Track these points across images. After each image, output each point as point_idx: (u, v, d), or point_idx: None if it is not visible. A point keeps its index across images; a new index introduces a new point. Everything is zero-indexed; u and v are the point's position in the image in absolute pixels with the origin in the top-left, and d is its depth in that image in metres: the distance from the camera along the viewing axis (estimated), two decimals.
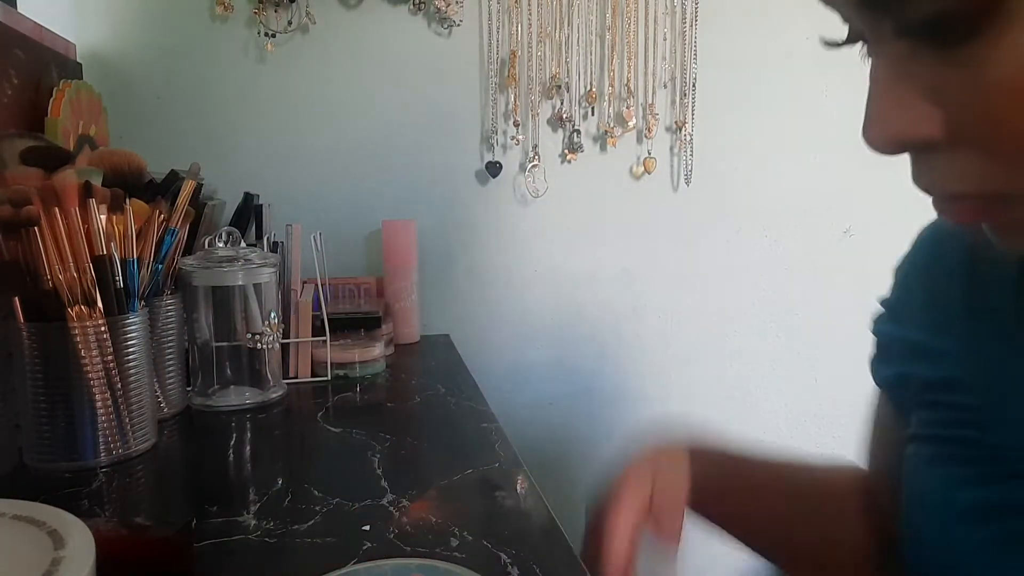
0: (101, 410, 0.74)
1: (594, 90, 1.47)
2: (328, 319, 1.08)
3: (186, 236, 0.93)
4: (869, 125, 0.34)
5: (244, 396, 0.96)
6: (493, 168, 1.46)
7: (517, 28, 1.44)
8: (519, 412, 1.50)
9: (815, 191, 1.56)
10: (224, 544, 0.58)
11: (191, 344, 0.96)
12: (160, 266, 0.88)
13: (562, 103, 1.47)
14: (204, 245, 0.98)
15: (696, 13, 1.48)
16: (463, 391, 1.01)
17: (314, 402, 0.98)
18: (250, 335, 0.96)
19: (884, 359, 0.56)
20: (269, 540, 0.59)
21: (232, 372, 0.97)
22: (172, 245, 0.89)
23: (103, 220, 0.75)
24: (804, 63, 1.55)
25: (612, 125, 1.49)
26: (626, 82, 1.48)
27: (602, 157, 1.51)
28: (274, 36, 1.37)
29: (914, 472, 0.49)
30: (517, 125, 1.46)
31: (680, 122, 1.51)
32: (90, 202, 0.73)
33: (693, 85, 1.50)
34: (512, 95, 1.45)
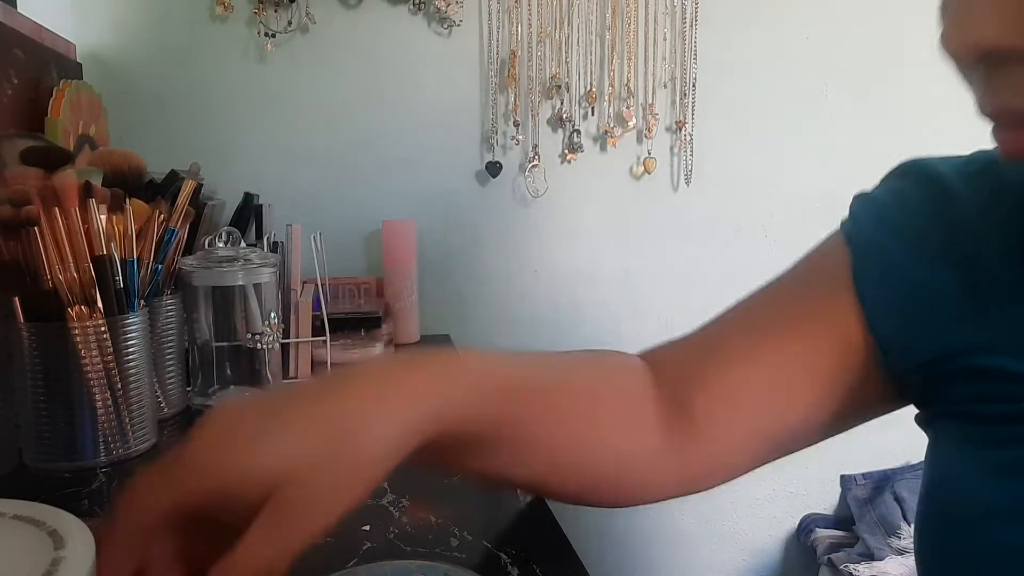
0: (101, 410, 0.74)
1: (594, 90, 1.47)
2: (328, 319, 1.08)
3: (186, 236, 0.93)
4: (953, 29, 0.31)
5: (244, 396, 0.95)
6: (493, 168, 1.46)
7: (517, 28, 1.44)
8: None
9: (815, 191, 1.56)
10: None
11: (191, 344, 0.96)
12: (160, 266, 0.88)
13: (562, 103, 1.47)
14: (204, 245, 0.98)
15: (696, 13, 1.48)
16: None
17: None
18: (250, 335, 0.96)
19: (886, 289, 0.45)
20: None
21: (232, 372, 0.97)
22: (172, 245, 0.89)
23: (103, 220, 0.75)
24: (804, 63, 1.55)
25: (612, 125, 1.49)
26: (626, 82, 1.48)
27: (602, 157, 1.51)
28: (274, 36, 1.37)
29: (941, 458, 0.43)
30: (517, 125, 1.46)
31: (680, 122, 1.51)
32: (90, 202, 0.73)
33: (693, 85, 1.50)
34: (512, 95, 1.45)
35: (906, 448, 1.65)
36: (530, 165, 1.48)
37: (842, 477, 1.67)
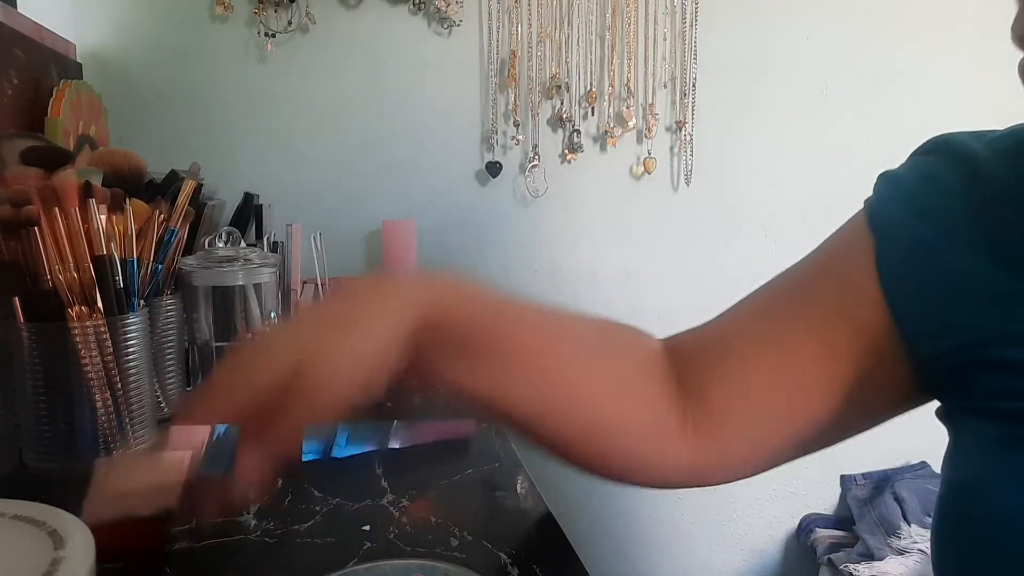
0: (101, 410, 0.73)
1: (594, 90, 1.47)
2: None
3: (186, 236, 0.93)
4: None
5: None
6: (493, 168, 1.46)
7: (517, 28, 1.44)
8: None
9: (815, 191, 1.56)
10: (224, 544, 0.58)
11: (191, 344, 0.96)
12: (160, 266, 0.88)
13: (562, 103, 1.47)
14: (204, 245, 0.98)
15: (696, 13, 1.48)
16: None
17: None
18: (250, 335, 0.96)
19: (911, 271, 0.43)
20: (269, 540, 0.59)
21: None
22: (172, 245, 0.89)
23: (103, 220, 0.75)
24: (804, 63, 1.55)
25: (612, 125, 1.49)
26: (626, 82, 1.48)
27: (602, 157, 1.51)
28: (274, 36, 1.37)
29: (965, 458, 0.41)
30: (517, 125, 1.46)
31: (680, 122, 1.51)
32: (90, 202, 0.73)
33: (693, 85, 1.50)
34: (512, 95, 1.45)
35: (906, 448, 1.65)
36: (530, 165, 1.48)
37: (842, 477, 1.67)
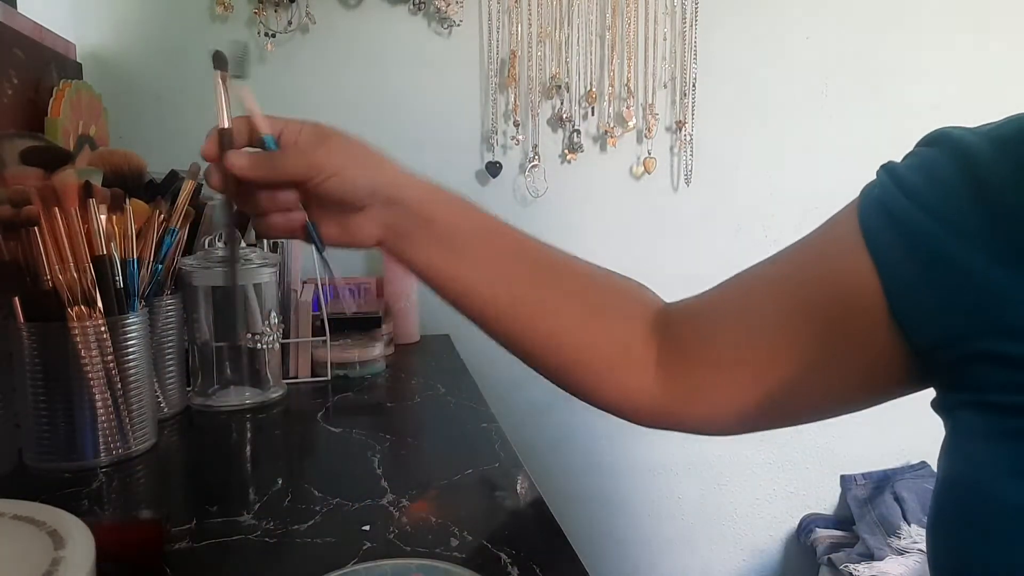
0: (101, 410, 0.74)
1: (594, 90, 1.47)
2: (328, 319, 1.08)
3: (186, 236, 0.93)
4: None
5: (244, 396, 0.96)
6: (493, 168, 1.46)
7: (517, 28, 1.44)
8: (519, 412, 1.50)
9: (815, 191, 1.56)
10: (224, 544, 0.58)
11: (191, 344, 0.96)
12: (160, 266, 0.88)
13: (562, 103, 1.47)
14: (204, 245, 0.98)
15: (696, 13, 1.48)
16: (463, 391, 1.01)
17: (314, 402, 0.98)
18: (250, 335, 0.96)
19: (904, 254, 0.43)
20: (269, 540, 0.59)
21: (232, 372, 0.97)
22: (172, 245, 0.89)
23: (103, 220, 0.75)
24: (804, 63, 1.55)
25: (612, 125, 1.49)
26: (626, 82, 1.48)
27: (602, 157, 1.51)
28: (274, 36, 1.37)
29: (963, 451, 0.41)
30: (517, 125, 1.46)
31: (680, 122, 1.51)
32: (90, 202, 0.73)
33: (693, 85, 1.50)
34: (512, 95, 1.45)
35: (906, 448, 1.65)
36: (530, 165, 1.48)
37: (842, 477, 1.67)
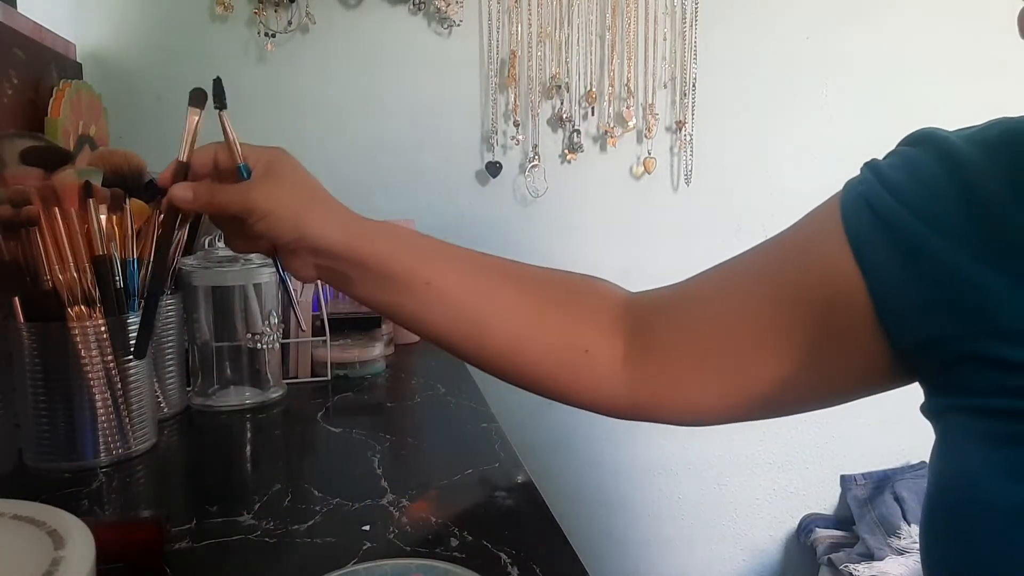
0: (101, 410, 0.74)
1: (594, 90, 1.47)
2: (328, 319, 1.08)
3: (186, 236, 0.93)
4: None
5: (244, 396, 0.96)
6: (493, 168, 1.46)
7: (517, 28, 1.44)
8: (519, 412, 1.50)
9: (815, 191, 1.55)
10: (224, 544, 0.58)
11: (191, 344, 0.96)
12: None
13: (562, 103, 1.48)
14: (204, 245, 0.98)
15: (696, 13, 1.48)
16: (463, 391, 1.01)
17: (314, 402, 0.98)
18: (250, 335, 0.96)
19: (885, 250, 0.43)
20: (269, 540, 0.59)
21: (232, 372, 0.97)
22: (172, 245, 0.89)
23: (103, 220, 0.75)
24: (804, 63, 1.55)
25: (612, 125, 1.49)
26: (626, 82, 1.48)
27: (602, 157, 1.51)
28: (274, 36, 1.37)
29: (955, 454, 0.40)
30: (517, 125, 1.46)
31: (680, 122, 1.51)
32: (90, 202, 0.73)
33: (693, 85, 1.50)
34: (512, 95, 1.45)
35: (906, 448, 1.65)
36: (530, 165, 1.48)
37: (842, 477, 1.67)
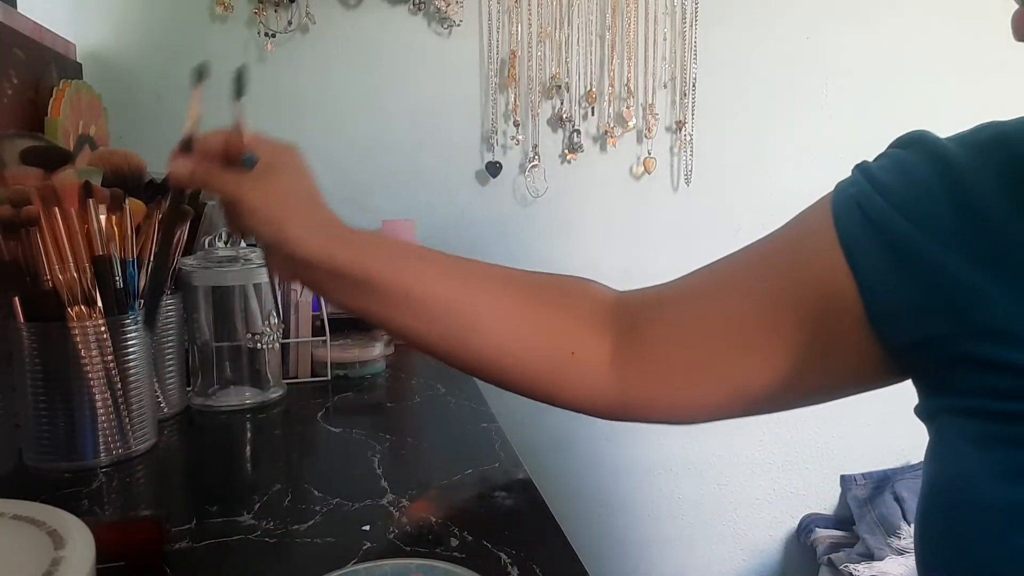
0: (101, 410, 0.74)
1: (594, 90, 1.47)
2: (328, 319, 1.08)
3: (186, 236, 0.93)
4: None
5: (244, 396, 0.96)
6: (493, 168, 1.46)
7: (517, 28, 1.44)
8: (519, 412, 1.50)
9: (815, 191, 1.55)
10: (224, 544, 0.58)
11: (191, 344, 0.96)
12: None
13: (562, 103, 1.47)
14: (204, 245, 0.98)
15: (696, 13, 1.48)
16: (463, 391, 1.01)
17: (314, 402, 0.98)
18: (250, 335, 0.96)
19: (875, 249, 0.43)
20: (269, 540, 0.59)
21: (232, 372, 0.97)
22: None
23: (103, 220, 0.75)
24: (804, 63, 1.55)
25: (612, 125, 1.49)
26: (626, 82, 1.48)
27: (602, 157, 1.51)
28: (274, 36, 1.37)
29: (949, 455, 0.40)
30: (517, 125, 1.46)
31: (680, 122, 1.51)
32: (90, 202, 0.73)
33: (693, 85, 1.50)
34: (512, 95, 1.45)
35: (906, 448, 1.65)
36: (530, 165, 1.48)
37: (842, 477, 1.67)
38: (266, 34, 1.37)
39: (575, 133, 1.48)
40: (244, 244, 0.99)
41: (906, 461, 1.66)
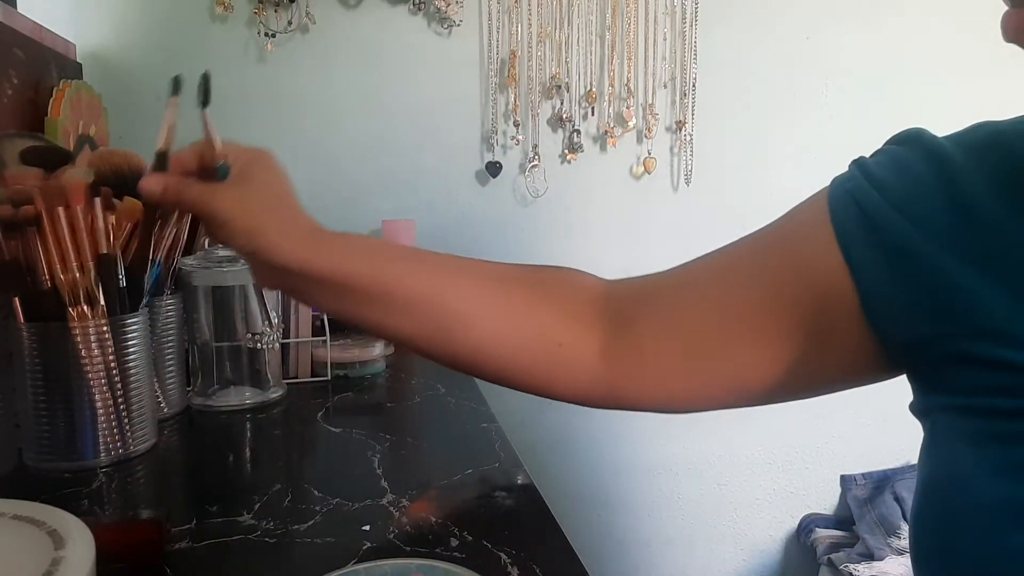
0: (101, 410, 0.74)
1: (594, 90, 1.47)
2: (328, 319, 1.08)
3: (186, 236, 0.93)
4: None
5: (244, 396, 0.96)
6: (493, 168, 1.46)
7: (517, 28, 1.44)
8: (519, 412, 1.50)
9: (815, 191, 1.56)
10: (224, 544, 0.58)
11: (191, 344, 0.96)
12: (159, 267, 0.88)
13: (562, 103, 1.47)
14: (204, 245, 0.98)
15: (696, 13, 1.48)
16: (463, 391, 1.01)
17: (314, 402, 0.98)
18: (250, 335, 0.96)
19: (872, 247, 0.43)
20: (269, 540, 0.59)
21: (232, 372, 0.97)
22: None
23: (105, 219, 0.75)
24: (804, 63, 1.55)
25: (612, 125, 1.49)
26: (626, 82, 1.48)
27: (602, 157, 1.51)
28: (274, 36, 1.37)
29: (944, 453, 0.40)
30: (517, 125, 1.46)
31: (680, 122, 1.51)
32: (95, 201, 0.74)
33: (693, 85, 1.50)
34: (512, 95, 1.45)
35: (906, 448, 1.65)
36: (530, 165, 1.48)
37: (842, 477, 1.67)
38: (266, 34, 1.37)
39: (575, 133, 1.48)
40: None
41: (906, 461, 1.66)
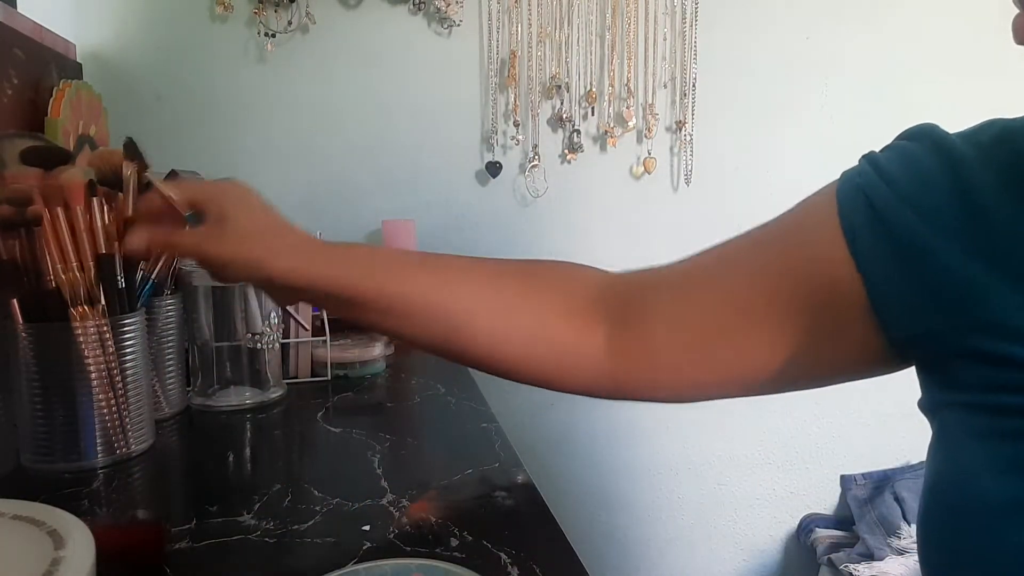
0: (103, 410, 0.74)
1: (594, 90, 1.47)
2: (328, 319, 1.08)
3: None
4: None
5: (244, 396, 0.96)
6: (493, 168, 1.46)
7: (517, 28, 1.44)
8: (519, 412, 1.50)
9: (815, 191, 1.56)
10: (224, 544, 0.58)
11: (191, 344, 0.96)
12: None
13: (562, 103, 1.47)
14: None
15: (696, 13, 1.48)
16: (463, 391, 1.01)
17: (314, 402, 0.98)
18: (250, 335, 0.96)
19: (880, 241, 0.42)
20: (269, 540, 0.59)
21: (232, 372, 0.97)
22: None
23: (106, 218, 0.75)
24: (803, 63, 1.55)
25: (612, 125, 1.49)
26: (626, 82, 1.48)
27: (602, 157, 1.51)
28: (274, 36, 1.37)
29: (952, 450, 0.40)
30: (517, 125, 1.46)
31: (680, 122, 1.51)
32: (94, 200, 0.74)
33: (693, 85, 1.50)
34: (512, 95, 1.45)
35: (906, 448, 1.65)
36: (530, 165, 1.48)
37: (842, 477, 1.67)
38: (266, 34, 1.37)
39: (575, 133, 1.48)
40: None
41: (906, 461, 1.66)
